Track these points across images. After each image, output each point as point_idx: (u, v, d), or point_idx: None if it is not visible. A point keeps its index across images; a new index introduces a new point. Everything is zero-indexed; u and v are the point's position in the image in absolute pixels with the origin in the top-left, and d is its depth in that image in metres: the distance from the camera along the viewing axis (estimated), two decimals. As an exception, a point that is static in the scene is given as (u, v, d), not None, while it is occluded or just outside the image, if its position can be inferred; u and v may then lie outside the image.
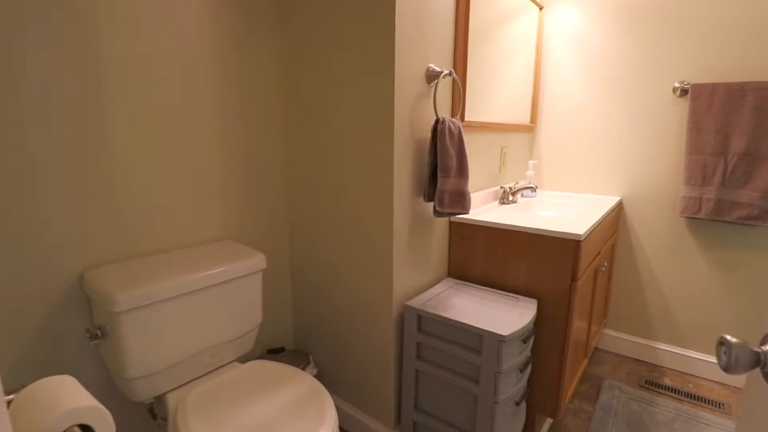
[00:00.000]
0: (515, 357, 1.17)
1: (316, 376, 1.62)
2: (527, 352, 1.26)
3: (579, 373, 1.65)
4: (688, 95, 1.71)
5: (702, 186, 1.69)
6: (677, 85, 1.76)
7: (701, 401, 1.68)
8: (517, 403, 1.24)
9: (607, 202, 1.83)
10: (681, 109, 1.77)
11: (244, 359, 1.53)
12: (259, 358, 1.56)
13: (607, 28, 1.90)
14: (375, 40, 1.18)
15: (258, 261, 1.23)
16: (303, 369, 1.50)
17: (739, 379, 1.78)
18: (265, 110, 1.46)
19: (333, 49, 1.29)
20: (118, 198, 1.12)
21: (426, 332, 1.28)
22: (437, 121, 1.24)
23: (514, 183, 1.99)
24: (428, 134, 1.34)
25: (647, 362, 1.99)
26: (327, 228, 1.45)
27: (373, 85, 1.20)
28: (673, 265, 1.88)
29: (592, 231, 1.39)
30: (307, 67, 1.39)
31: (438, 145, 1.24)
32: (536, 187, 1.78)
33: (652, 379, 1.84)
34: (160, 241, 1.23)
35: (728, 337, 0.47)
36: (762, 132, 1.56)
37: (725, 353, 0.47)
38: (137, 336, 0.99)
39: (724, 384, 1.81)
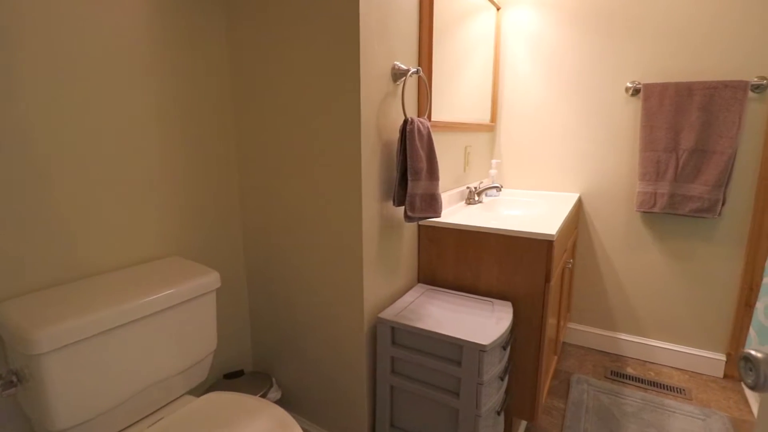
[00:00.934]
0: (496, 365, 1.12)
1: (281, 400, 1.49)
2: (506, 359, 1.22)
3: (551, 372, 1.65)
4: (641, 94, 1.77)
5: (656, 181, 1.75)
6: (629, 84, 1.82)
7: (664, 388, 1.74)
8: (498, 413, 1.20)
9: (569, 200, 1.85)
10: (634, 107, 1.83)
11: (197, 388, 1.37)
12: (214, 385, 1.41)
13: (562, 29, 1.93)
14: (338, 35, 1.08)
15: (211, 279, 1.09)
16: (266, 393, 1.37)
17: (696, 365, 1.86)
18: (214, 108, 1.31)
19: (293, 44, 1.18)
20: (37, 210, 0.94)
21: (401, 345, 1.20)
22: (406, 121, 1.17)
23: (478, 182, 1.97)
24: (396, 135, 1.26)
25: (610, 353, 2.04)
26: (288, 237, 1.33)
27: (337, 82, 1.11)
28: (630, 257, 1.94)
29: (561, 230, 1.39)
30: (263, 64, 1.26)
31: (407, 146, 1.17)
32: (501, 187, 1.77)
33: (616, 370, 1.89)
34: (90, 263, 1.05)
35: (753, 353, 0.43)
36: (708, 129, 1.64)
37: (751, 370, 0.42)
38: (64, 380, 0.83)
39: (682, 369, 1.89)
